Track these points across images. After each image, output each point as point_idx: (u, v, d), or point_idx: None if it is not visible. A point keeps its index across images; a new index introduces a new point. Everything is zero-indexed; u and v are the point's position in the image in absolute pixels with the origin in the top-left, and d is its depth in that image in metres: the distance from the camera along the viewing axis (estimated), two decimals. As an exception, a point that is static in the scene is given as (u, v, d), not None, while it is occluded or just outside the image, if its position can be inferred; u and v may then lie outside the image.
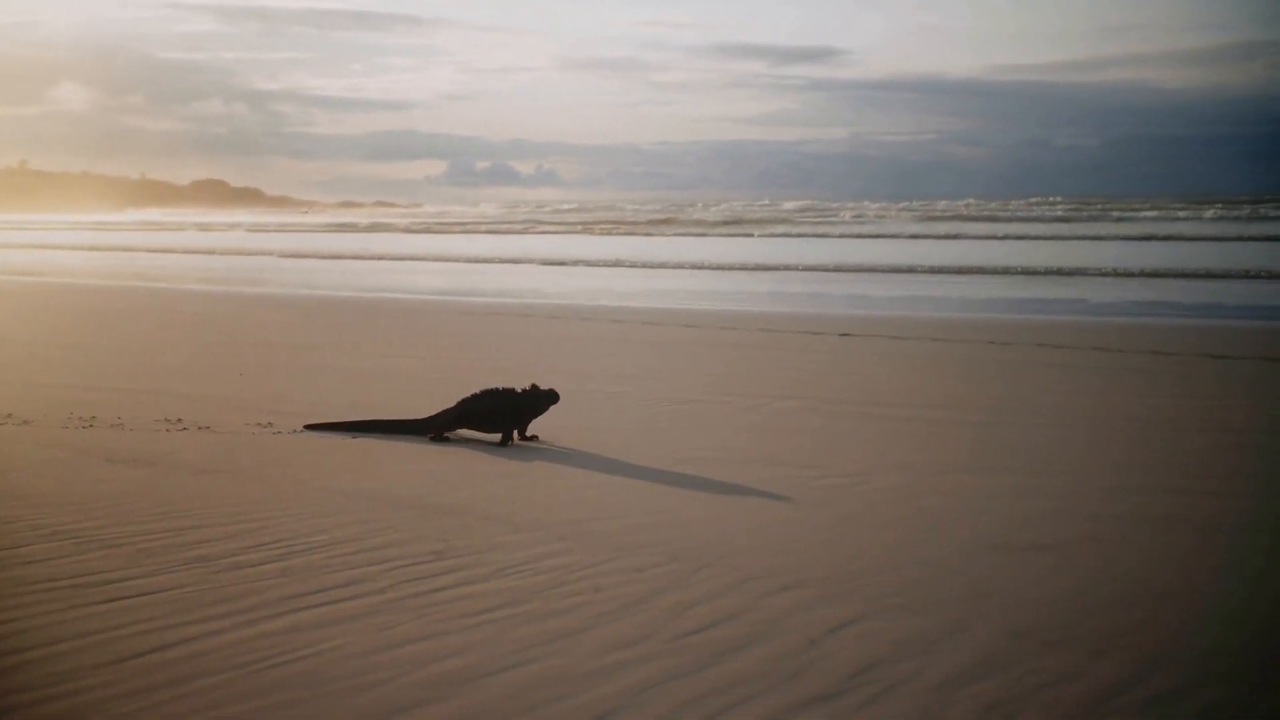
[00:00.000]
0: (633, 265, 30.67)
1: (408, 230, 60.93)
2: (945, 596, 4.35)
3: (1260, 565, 4.88)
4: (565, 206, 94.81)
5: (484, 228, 60.45)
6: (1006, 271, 26.18)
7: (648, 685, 3.51)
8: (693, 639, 3.89)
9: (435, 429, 7.48)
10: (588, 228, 56.87)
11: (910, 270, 26.92)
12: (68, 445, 6.95)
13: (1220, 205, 56.70)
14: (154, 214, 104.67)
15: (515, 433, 7.47)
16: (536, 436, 7.50)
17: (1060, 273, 25.49)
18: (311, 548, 4.87)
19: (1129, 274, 24.77)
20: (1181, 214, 52.96)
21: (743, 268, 28.85)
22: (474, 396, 7.48)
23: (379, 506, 5.60)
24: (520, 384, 7.76)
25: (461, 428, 7.52)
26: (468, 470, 6.55)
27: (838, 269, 27.81)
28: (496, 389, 7.49)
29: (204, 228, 69.75)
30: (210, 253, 40.04)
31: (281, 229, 66.49)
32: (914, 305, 18.86)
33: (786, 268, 28.45)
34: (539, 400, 7.47)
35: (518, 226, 60.70)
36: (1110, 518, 5.55)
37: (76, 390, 8.99)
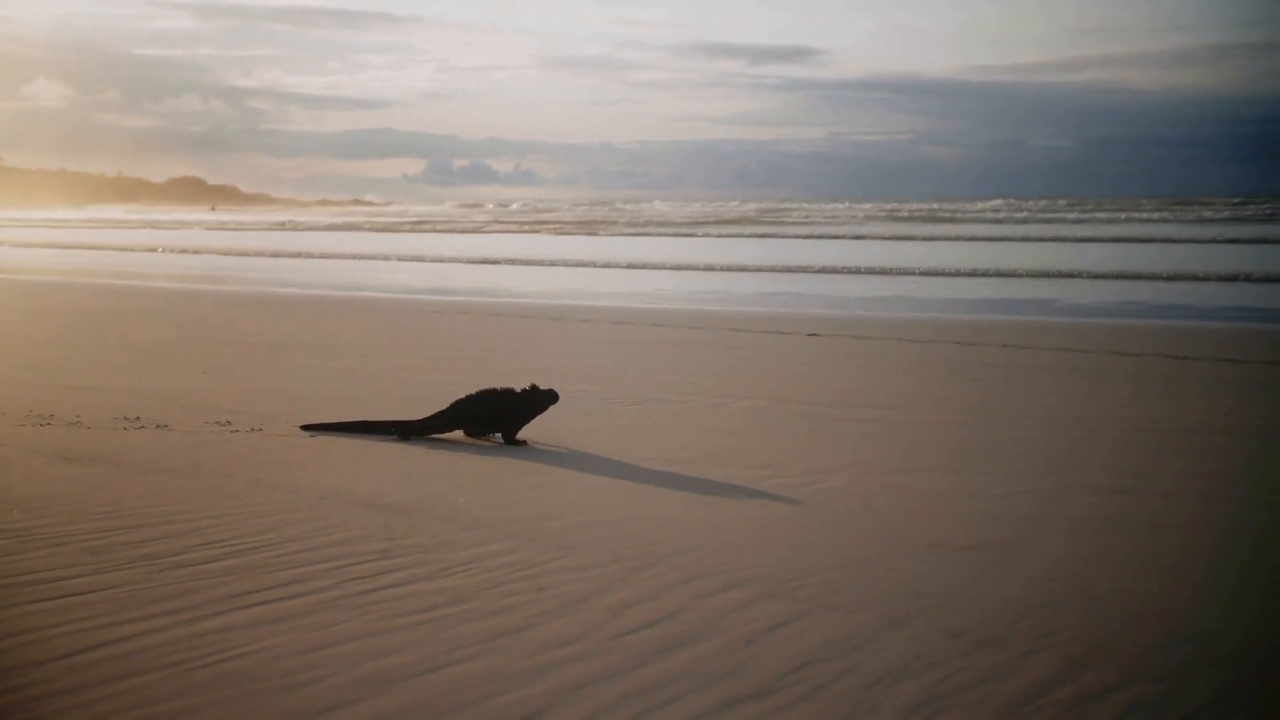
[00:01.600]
0: (605, 266, 30.68)
1: (373, 229, 60.71)
2: (883, 595, 4.39)
3: (1201, 565, 4.94)
4: (520, 205, 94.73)
5: (444, 226, 60.07)
6: (975, 274, 26.33)
7: (580, 683, 3.54)
8: (630, 638, 3.91)
9: (429, 430, 7.45)
10: (587, 225, 56.83)
11: (883, 272, 27.04)
12: (23, 444, 6.92)
13: (1197, 206, 57.20)
14: (118, 211, 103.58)
15: (512, 434, 7.39)
16: (526, 442, 7.40)
17: (1030, 275, 25.65)
18: (258, 546, 4.88)
19: (1097, 275, 24.95)
20: (1154, 215, 53.38)
21: (713, 268, 28.90)
22: (468, 397, 7.41)
23: (330, 505, 5.60)
24: (481, 385, 7.71)
25: (455, 429, 7.46)
26: (423, 469, 6.55)
27: (803, 270, 27.90)
28: (493, 389, 7.44)
29: (155, 224, 69.33)
30: (182, 251, 39.83)
31: (242, 226, 66.01)
32: (884, 306, 18.94)
33: (759, 268, 28.51)
34: (535, 401, 7.43)
35: (491, 226, 60.54)
36: (1053, 518, 5.60)
37: (36, 388, 8.95)
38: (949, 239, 41.88)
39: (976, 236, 42.65)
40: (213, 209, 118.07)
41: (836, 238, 44.79)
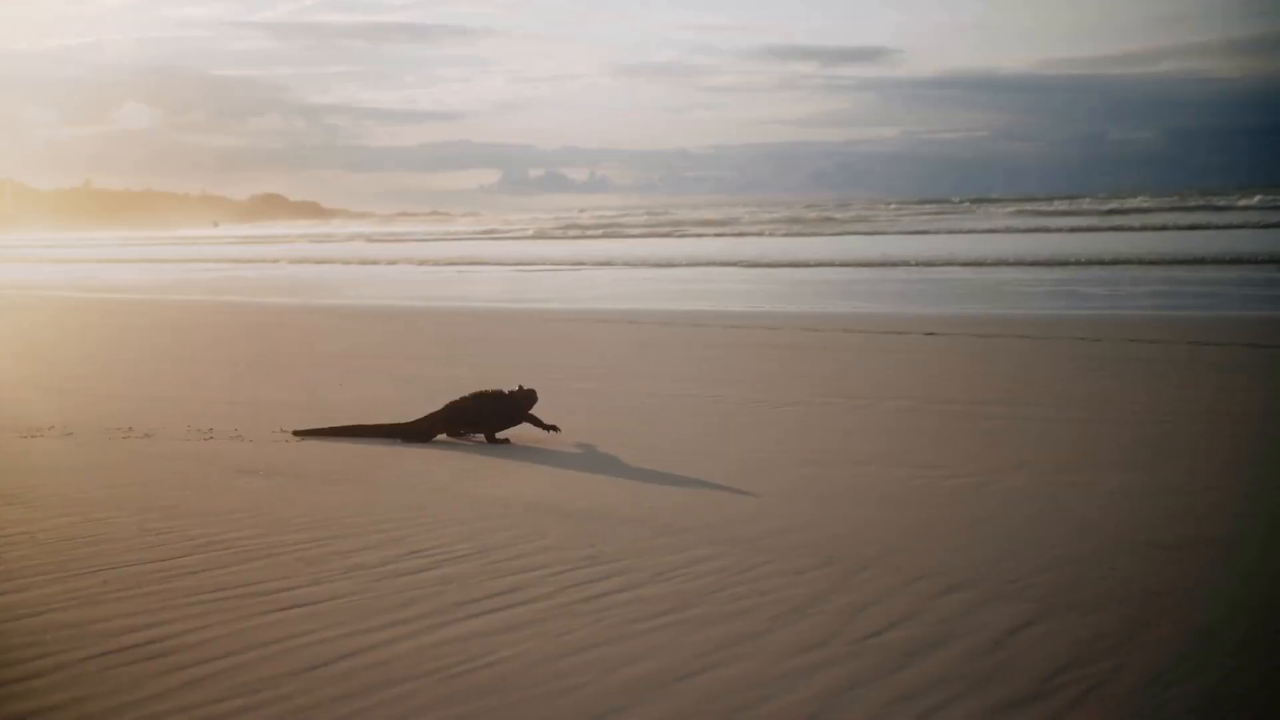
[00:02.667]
0: (726, 265, 30.61)
1: (541, 235, 61.40)
2: (1116, 595, 4.27)
3: None
4: (609, 209, 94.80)
5: (633, 230, 60.69)
6: (1082, 263, 25.82)
7: (844, 688, 3.47)
8: (873, 641, 3.84)
9: (423, 433, 7.57)
10: (684, 228, 57.07)
11: (977, 264, 26.63)
12: (195, 458, 7.03)
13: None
14: (264, 228, 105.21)
15: (484, 435, 7.56)
16: (509, 440, 7.53)
17: (1140, 263, 25.11)
18: (464, 555, 4.88)
19: (1208, 262, 24.34)
20: (1247, 204, 51.95)
21: (804, 264, 28.69)
22: (462, 399, 7.57)
23: (519, 513, 5.60)
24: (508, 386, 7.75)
25: (451, 430, 7.58)
26: (591, 476, 6.52)
27: (928, 263, 27.56)
28: (485, 391, 7.58)
29: (318, 239, 70.82)
30: (326, 262, 40.54)
31: (401, 239, 66.74)
32: (994, 301, 18.63)
33: (877, 264, 28.25)
34: (523, 401, 7.54)
35: (597, 232, 60.99)
36: (1262, 514, 5.42)
37: (190, 403, 9.11)
38: (1045, 231, 41.19)
39: (1081, 228, 41.90)
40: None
41: (923, 233, 44.29)
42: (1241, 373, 10.23)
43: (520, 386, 7.61)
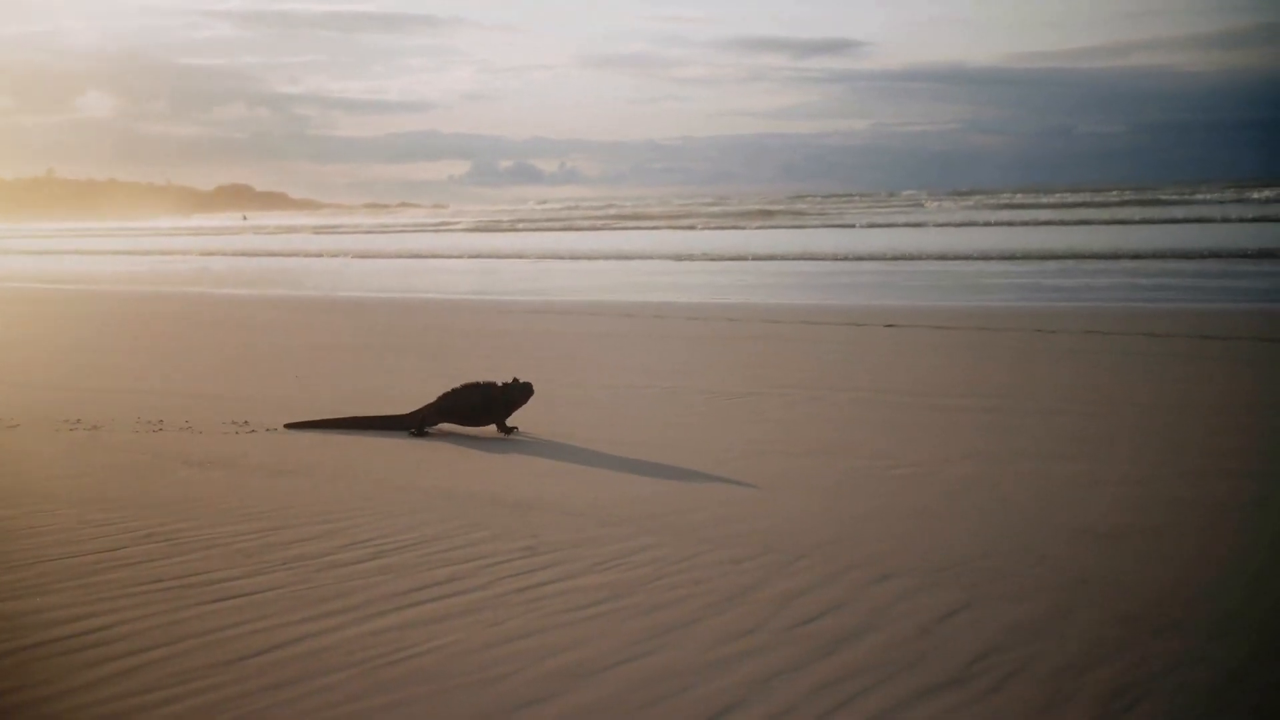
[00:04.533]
0: (663, 258, 30.67)
1: (474, 229, 61.16)
2: (1044, 583, 4.34)
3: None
4: (591, 202, 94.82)
5: (557, 224, 60.53)
6: (1044, 257, 26.05)
7: (767, 677, 3.52)
8: (802, 630, 3.89)
9: (417, 424, 7.57)
10: (671, 222, 57.11)
11: (944, 258, 26.82)
12: (143, 449, 7.01)
13: (1252, 189, 56.20)
14: (225, 219, 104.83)
15: (495, 425, 7.55)
16: (516, 428, 7.54)
17: (1099, 257, 25.35)
18: (405, 545, 4.90)
19: (1166, 256, 24.61)
20: (1212, 198, 52.53)
21: (777, 257, 28.81)
22: (454, 391, 7.56)
23: (462, 503, 5.62)
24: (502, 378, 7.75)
25: (442, 422, 7.59)
26: (537, 467, 6.56)
27: (858, 259, 27.73)
28: (478, 383, 7.57)
29: (260, 230, 70.35)
30: (283, 255, 40.30)
31: (351, 231, 66.51)
32: (954, 294, 18.78)
33: (835, 258, 28.39)
34: (513, 394, 7.54)
35: (583, 222, 60.91)
36: (1197, 503, 5.52)
37: (141, 395, 9.06)
38: (1010, 224, 41.49)
39: (1046, 222, 42.22)
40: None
41: (890, 226, 44.51)
42: (1197, 363, 10.38)
43: (515, 379, 7.58)
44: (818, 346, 12.13)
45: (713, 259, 30.39)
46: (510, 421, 7.61)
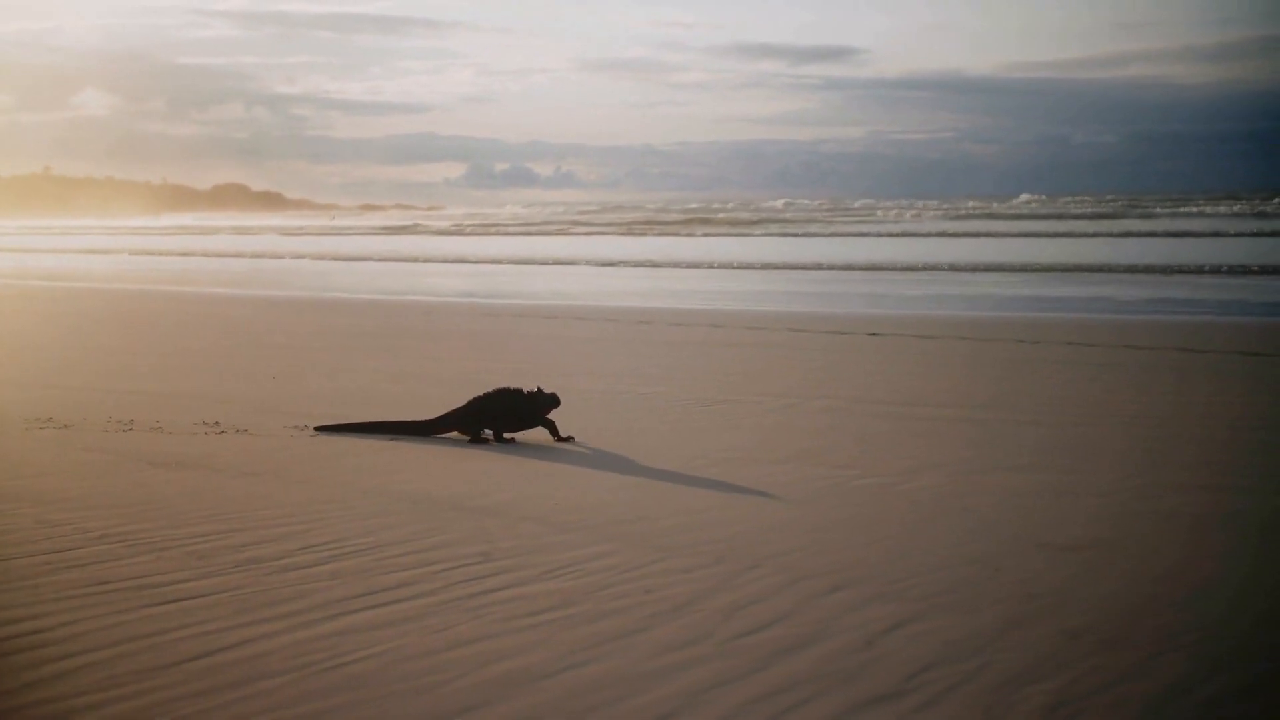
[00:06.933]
0: (659, 265, 30.66)
1: (443, 233, 61.14)
2: (996, 596, 4.33)
3: (1311, 564, 4.84)
4: (587, 208, 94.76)
5: (532, 229, 60.49)
6: (1031, 269, 26.07)
7: (706, 687, 3.51)
8: (747, 640, 3.88)
9: (444, 429, 7.53)
10: (630, 228, 57.00)
11: (934, 268, 26.84)
12: (110, 449, 6.99)
13: (1246, 201, 56.31)
14: (186, 218, 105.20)
15: (549, 432, 7.50)
16: (573, 437, 7.49)
17: (1086, 269, 25.38)
18: (359, 550, 4.89)
19: (1154, 270, 24.64)
20: (1206, 211, 52.63)
21: (769, 267, 28.81)
22: (485, 396, 7.51)
23: (423, 509, 5.62)
24: (528, 386, 7.72)
25: (472, 428, 7.52)
26: (506, 472, 6.56)
27: (869, 267, 27.74)
28: (507, 389, 7.52)
29: (240, 230, 70.28)
30: (249, 256, 40.27)
31: (322, 232, 66.68)
32: (940, 304, 18.79)
33: (812, 267, 28.41)
34: (544, 402, 7.50)
35: (552, 228, 60.81)
36: (1153, 515, 5.52)
37: (114, 394, 9.04)
38: (998, 235, 41.53)
39: (1032, 233, 42.26)
40: (333, 217, 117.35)
41: (880, 235, 44.55)
42: (1170, 375, 10.37)
43: (539, 388, 7.54)
44: (799, 354, 12.13)
45: (698, 266, 30.38)
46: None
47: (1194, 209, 54.45)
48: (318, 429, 7.68)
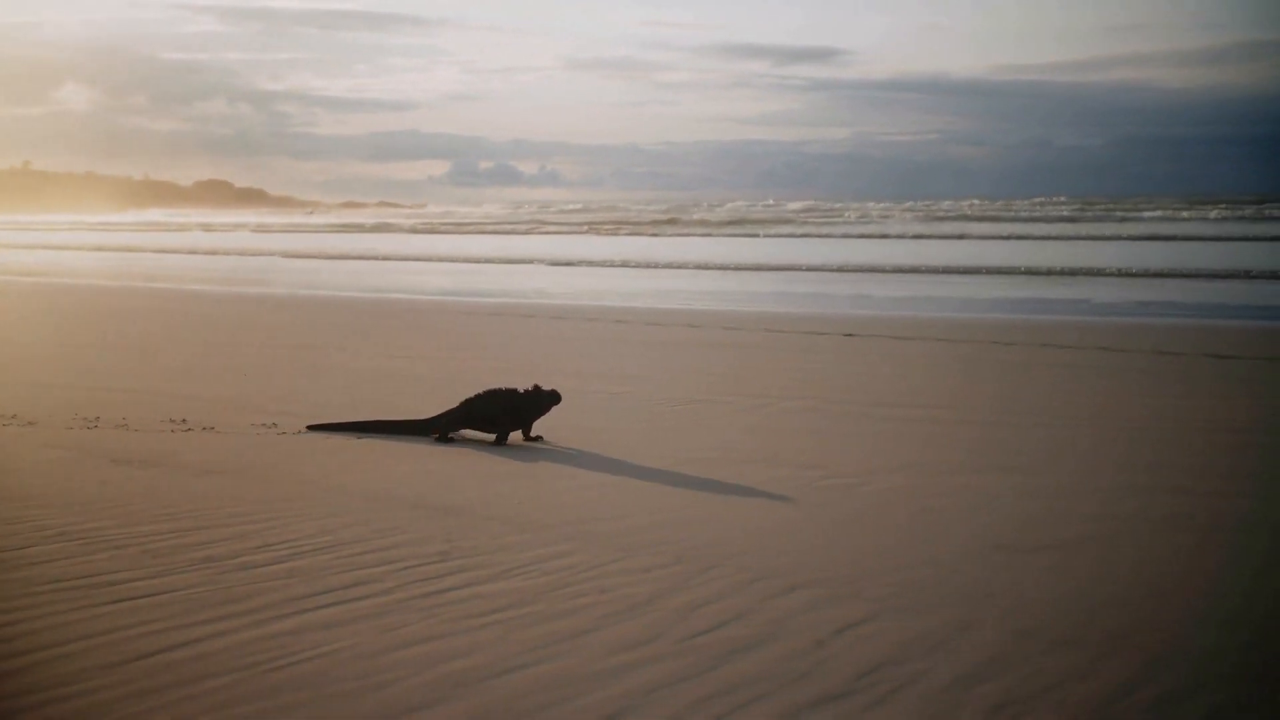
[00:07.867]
0: (637, 265, 30.67)
1: (413, 230, 61.01)
2: (952, 597, 4.35)
3: (1259, 566, 4.87)
4: (570, 207, 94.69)
5: (489, 228, 60.48)
6: (1009, 271, 26.18)
7: (656, 686, 3.52)
8: (700, 640, 3.89)
9: (439, 429, 7.50)
10: (594, 228, 56.92)
11: (914, 270, 26.92)
12: (73, 446, 6.95)
13: (1224, 206, 56.63)
14: (157, 214, 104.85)
15: (520, 432, 7.50)
16: (541, 437, 7.51)
17: (1063, 273, 25.49)
18: (318, 548, 4.88)
19: (1131, 274, 24.77)
20: (1185, 214, 52.91)
21: (745, 268, 28.85)
22: (478, 396, 7.48)
23: (384, 507, 5.60)
24: (523, 384, 7.72)
25: (465, 428, 7.52)
26: (471, 470, 6.55)
27: (841, 269, 27.81)
28: (500, 389, 7.49)
29: (208, 228, 69.89)
30: (215, 253, 40.08)
31: (287, 229, 66.62)
32: (918, 305, 18.85)
33: (790, 268, 28.46)
34: (541, 401, 7.48)
35: (522, 227, 60.71)
36: (1111, 518, 5.55)
37: (81, 391, 8.99)
38: (1000, 238, 41.67)
39: (1013, 235, 42.43)
40: (310, 213, 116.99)
41: (863, 237, 44.65)
42: (1140, 377, 10.42)
43: (536, 386, 7.52)
44: (774, 354, 12.14)
45: (680, 267, 30.39)
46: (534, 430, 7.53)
47: (1169, 211, 54.75)
48: (309, 427, 7.64)
